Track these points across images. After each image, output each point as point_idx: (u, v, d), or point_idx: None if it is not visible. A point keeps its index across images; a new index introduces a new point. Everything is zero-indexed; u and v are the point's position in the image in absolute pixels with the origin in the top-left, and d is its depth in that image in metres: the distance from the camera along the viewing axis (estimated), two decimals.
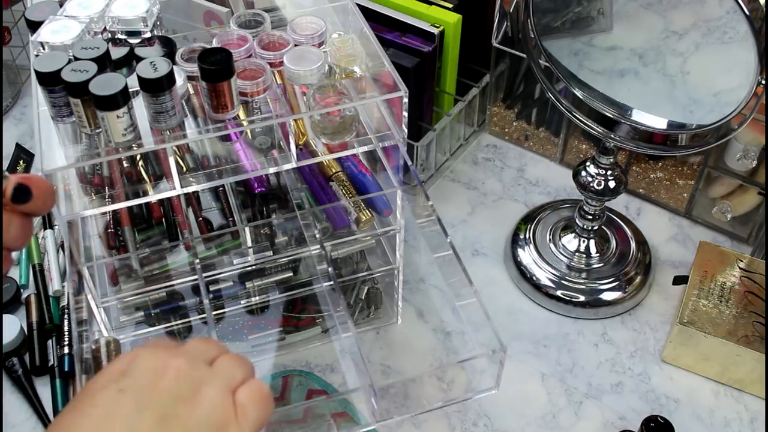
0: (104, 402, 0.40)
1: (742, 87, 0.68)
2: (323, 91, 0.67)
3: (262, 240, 0.77)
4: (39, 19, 0.68)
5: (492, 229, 1.00)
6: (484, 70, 1.06)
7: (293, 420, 0.71)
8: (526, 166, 1.09)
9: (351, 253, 0.81)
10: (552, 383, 0.85)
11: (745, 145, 0.89)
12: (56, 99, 0.62)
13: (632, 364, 0.86)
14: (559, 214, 0.99)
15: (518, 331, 0.90)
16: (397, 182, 0.73)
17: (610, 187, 0.86)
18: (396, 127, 0.68)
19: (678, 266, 0.96)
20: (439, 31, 0.94)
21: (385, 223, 0.79)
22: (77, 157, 0.64)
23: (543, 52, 0.80)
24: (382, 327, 0.89)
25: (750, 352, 0.80)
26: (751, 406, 0.83)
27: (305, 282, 0.82)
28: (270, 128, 0.68)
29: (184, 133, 0.64)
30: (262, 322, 0.85)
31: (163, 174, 0.66)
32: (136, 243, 0.76)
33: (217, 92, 0.63)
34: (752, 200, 0.95)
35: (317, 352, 0.87)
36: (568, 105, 0.82)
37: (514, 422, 0.81)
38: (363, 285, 0.86)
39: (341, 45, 0.71)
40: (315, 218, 0.77)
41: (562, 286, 0.91)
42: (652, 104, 0.77)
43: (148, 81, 0.60)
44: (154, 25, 0.69)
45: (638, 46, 0.75)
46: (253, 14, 0.73)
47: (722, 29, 0.69)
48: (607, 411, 0.82)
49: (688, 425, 0.81)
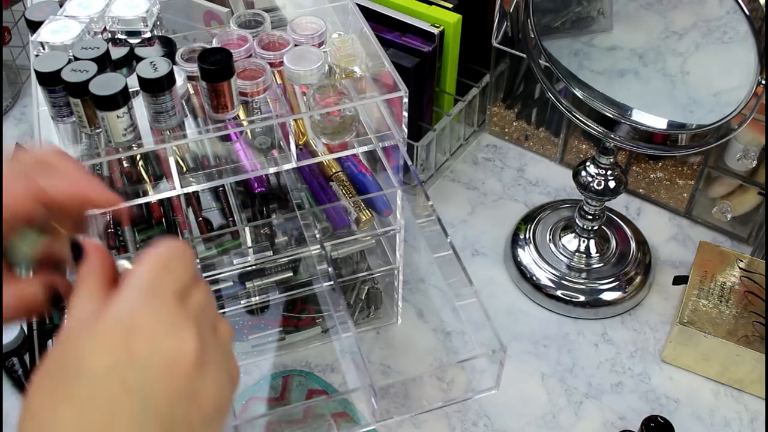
0: (106, 400, 0.35)
1: (742, 87, 0.68)
2: (323, 91, 0.67)
3: (262, 240, 0.77)
4: (39, 19, 0.68)
5: (492, 229, 1.00)
6: (484, 70, 1.06)
7: (293, 420, 0.71)
8: (526, 166, 1.09)
9: (351, 253, 0.81)
10: (552, 383, 0.85)
11: (745, 145, 0.89)
12: (56, 99, 0.62)
13: (632, 364, 0.86)
14: (559, 214, 0.99)
15: (518, 331, 0.90)
16: (397, 182, 0.73)
17: (610, 187, 0.86)
18: (396, 127, 0.68)
19: (678, 266, 0.96)
20: (439, 31, 0.94)
21: (385, 223, 0.79)
22: (77, 157, 0.64)
23: (543, 52, 0.80)
24: (382, 327, 0.89)
25: (750, 352, 0.80)
26: (751, 406, 0.83)
27: (305, 282, 0.82)
28: (270, 128, 0.68)
29: (184, 133, 0.64)
30: (262, 322, 0.85)
31: (163, 174, 0.66)
32: (136, 243, 0.76)
33: (217, 92, 0.63)
34: (752, 200, 0.95)
35: (317, 352, 0.87)
36: (568, 105, 0.82)
37: (514, 422, 0.81)
38: (363, 285, 0.86)
39: (341, 45, 0.71)
40: (315, 218, 0.77)
41: (562, 286, 0.91)
42: (652, 104, 0.77)
43: (148, 81, 0.60)
44: (154, 25, 0.69)
45: (638, 46, 0.75)
46: (253, 14, 0.73)
47: (722, 29, 0.69)
48: (607, 411, 0.82)
49: (688, 425, 0.81)
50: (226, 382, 0.40)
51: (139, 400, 0.35)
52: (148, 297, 0.38)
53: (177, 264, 0.40)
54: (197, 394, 0.38)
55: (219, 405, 0.39)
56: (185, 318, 0.38)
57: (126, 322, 0.37)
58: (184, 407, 0.37)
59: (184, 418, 0.37)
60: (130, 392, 0.35)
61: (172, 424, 0.36)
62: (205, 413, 0.38)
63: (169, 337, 0.37)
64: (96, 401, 0.35)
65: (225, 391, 0.40)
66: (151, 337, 0.37)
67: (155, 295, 0.38)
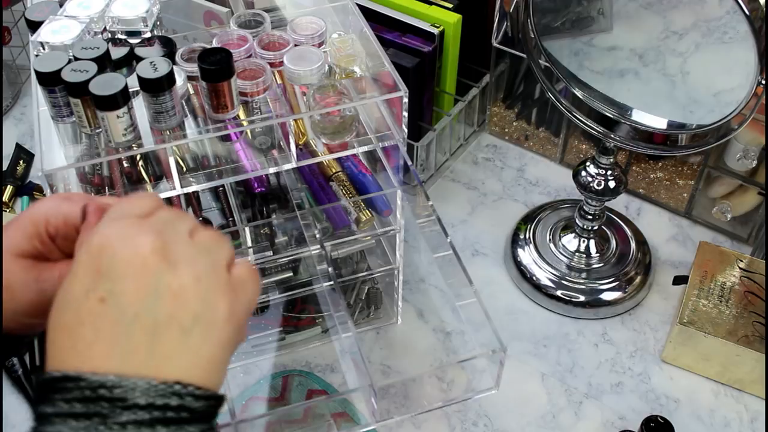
0: (89, 318, 0.36)
1: (742, 87, 0.68)
2: (323, 91, 0.67)
3: (262, 240, 0.77)
4: (39, 19, 0.68)
5: (492, 229, 1.00)
6: (484, 70, 1.06)
7: (293, 420, 0.71)
8: (526, 166, 1.09)
9: (351, 253, 0.81)
10: (552, 383, 0.85)
11: (745, 145, 0.89)
12: (56, 99, 0.62)
13: (632, 364, 0.86)
14: (559, 214, 0.99)
15: (518, 331, 0.90)
16: (397, 182, 0.73)
17: (610, 187, 0.86)
18: (396, 127, 0.68)
19: (678, 266, 0.96)
20: (439, 31, 0.94)
21: (385, 223, 0.79)
22: (77, 157, 0.64)
23: (543, 52, 0.80)
24: (382, 327, 0.89)
25: (750, 352, 0.80)
26: (751, 406, 0.83)
27: (305, 282, 0.82)
28: (270, 128, 0.68)
29: (184, 133, 0.64)
30: (262, 322, 0.85)
31: (163, 174, 0.66)
32: None
33: (217, 92, 0.63)
34: (752, 200, 0.95)
35: (317, 352, 0.87)
36: (568, 105, 0.82)
37: (514, 422, 0.81)
38: (363, 285, 0.86)
39: (341, 45, 0.71)
40: (315, 218, 0.77)
41: (562, 286, 0.91)
42: (652, 104, 0.77)
43: (148, 81, 0.60)
44: (154, 25, 0.69)
45: (638, 46, 0.75)
46: (253, 14, 0.73)
47: (722, 29, 0.69)
48: (607, 411, 0.82)
49: (688, 425, 0.81)
50: (212, 277, 0.39)
51: (113, 305, 0.36)
52: (110, 221, 0.40)
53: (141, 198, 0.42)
54: (172, 289, 0.37)
55: (206, 300, 0.38)
56: (142, 225, 0.39)
57: (93, 248, 0.38)
58: (162, 304, 0.37)
59: (166, 316, 0.37)
60: (105, 302, 0.36)
61: (155, 325, 0.37)
62: (193, 310, 0.38)
63: (126, 241, 0.38)
64: (82, 322, 0.36)
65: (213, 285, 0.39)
66: (110, 248, 0.38)
67: (118, 219, 0.40)
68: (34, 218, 0.46)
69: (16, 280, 0.45)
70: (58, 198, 0.47)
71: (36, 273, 0.45)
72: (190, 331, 0.37)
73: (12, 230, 0.46)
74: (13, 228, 0.46)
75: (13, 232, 0.46)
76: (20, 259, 0.45)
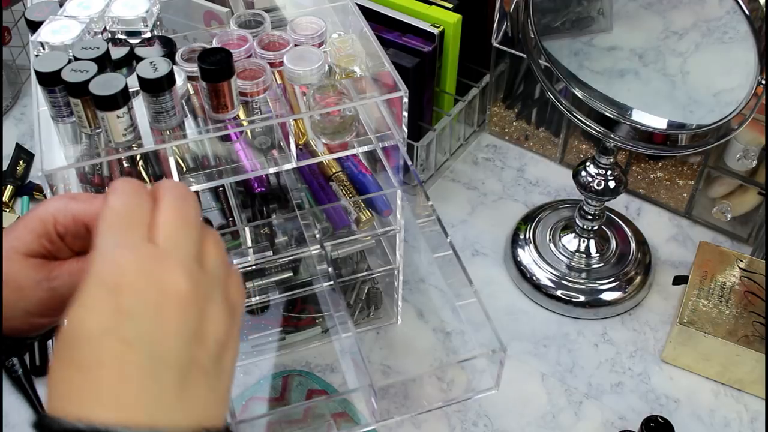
0: (111, 360, 0.34)
1: (742, 87, 0.68)
2: (323, 91, 0.67)
3: (262, 240, 0.77)
4: (39, 19, 0.68)
5: (492, 229, 1.00)
6: (484, 70, 1.06)
7: (293, 420, 0.71)
8: (526, 166, 1.09)
9: (351, 253, 0.81)
10: (552, 383, 0.85)
11: (745, 145, 0.89)
12: (56, 99, 0.62)
13: (632, 364, 0.86)
14: (559, 214, 0.99)
15: (518, 331, 0.90)
16: (397, 182, 0.73)
17: (610, 187, 0.86)
18: (396, 127, 0.68)
19: (678, 266, 0.96)
20: (439, 31, 0.94)
21: (385, 223, 0.79)
22: (77, 157, 0.64)
23: (543, 52, 0.80)
24: (382, 327, 0.89)
25: (750, 352, 0.80)
26: (751, 406, 0.83)
27: (305, 282, 0.82)
28: (270, 128, 0.68)
29: (184, 133, 0.64)
30: (262, 322, 0.85)
31: (163, 174, 0.66)
32: None
33: (217, 92, 0.63)
34: (752, 200, 0.95)
35: (317, 352, 0.87)
36: (568, 105, 0.82)
37: (514, 422, 0.81)
38: (363, 285, 0.86)
39: (341, 45, 0.71)
40: (315, 218, 0.77)
41: (562, 286, 0.91)
42: (652, 104, 0.77)
43: (148, 81, 0.60)
44: (154, 25, 0.69)
45: (638, 46, 0.75)
46: (253, 14, 0.73)
47: (722, 29, 0.69)
48: (607, 411, 0.82)
49: (688, 425, 0.81)
50: (225, 314, 0.38)
51: (142, 350, 0.34)
52: (119, 246, 0.37)
53: (131, 196, 0.39)
54: (198, 332, 0.36)
55: (221, 340, 0.37)
56: (158, 258, 0.37)
57: (107, 281, 0.36)
58: (189, 348, 0.36)
59: (193, 360, 0.36)
60: (131, 345, 0.34)
61: (184, 368, 0.35)
62: (211, 352, 0.37)
63: (150, 279, 0.36)
64: (103, 364, 0.34)
65: (226, 323, 0.38)
66: (132, 287, 0.35)
67: (124, 239, 0.37)
68: (42, 217, 0.45)
69: (26, 280, 0.45)
70: (65, 197, 0.47)
71: (46, 272, 0.45)
72: (209, 372, 0.37)
73: (20, 230, 0.45)
74: (21, 227, 0.45)
75: (21, 231, 0.45)
76: (29, 258, 0.45)
